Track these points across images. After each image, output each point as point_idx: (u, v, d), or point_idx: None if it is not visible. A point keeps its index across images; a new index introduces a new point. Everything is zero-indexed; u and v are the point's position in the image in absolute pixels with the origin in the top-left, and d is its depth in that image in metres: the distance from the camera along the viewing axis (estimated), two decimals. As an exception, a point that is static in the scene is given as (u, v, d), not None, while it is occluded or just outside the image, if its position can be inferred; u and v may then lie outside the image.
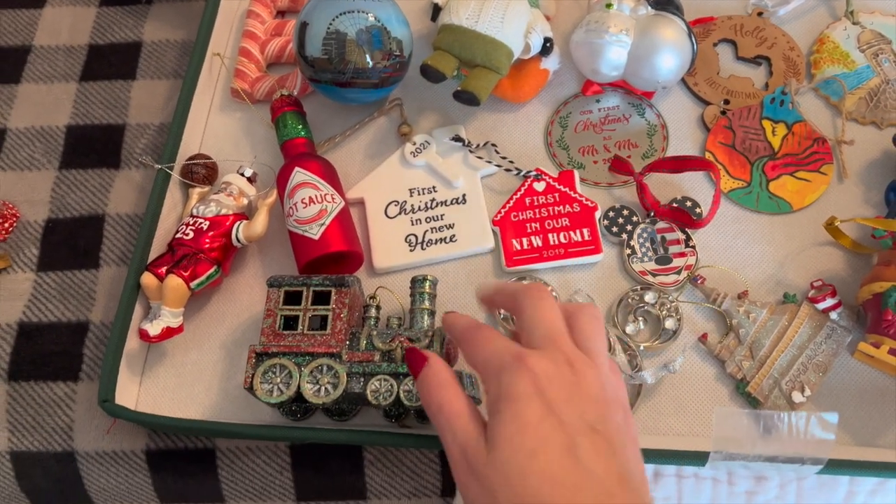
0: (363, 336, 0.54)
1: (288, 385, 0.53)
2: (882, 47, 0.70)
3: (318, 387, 0.53)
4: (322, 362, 0.53)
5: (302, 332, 0.54)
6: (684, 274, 0.62)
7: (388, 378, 0.53)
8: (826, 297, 0.59)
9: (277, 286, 0.56)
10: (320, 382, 0.53)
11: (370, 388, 0.52)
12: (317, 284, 0.56)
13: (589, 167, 0.68)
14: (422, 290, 0.57)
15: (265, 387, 0.53)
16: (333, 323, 0.54)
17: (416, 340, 0.54)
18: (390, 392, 0.52)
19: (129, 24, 0.80)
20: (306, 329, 0.54)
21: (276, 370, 0.53)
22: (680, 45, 0.64)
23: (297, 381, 0.53)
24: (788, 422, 0.49)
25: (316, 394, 0.52)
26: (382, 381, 0.53)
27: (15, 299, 0.66)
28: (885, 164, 0.65)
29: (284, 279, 0.56)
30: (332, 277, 0.56)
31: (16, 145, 0.73)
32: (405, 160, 0.69)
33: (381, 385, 0.53)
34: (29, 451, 0.61)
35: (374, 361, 0.53)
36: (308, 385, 0.53)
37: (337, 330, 0.54)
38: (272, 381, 0.53)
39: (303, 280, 0.56)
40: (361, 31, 0.63)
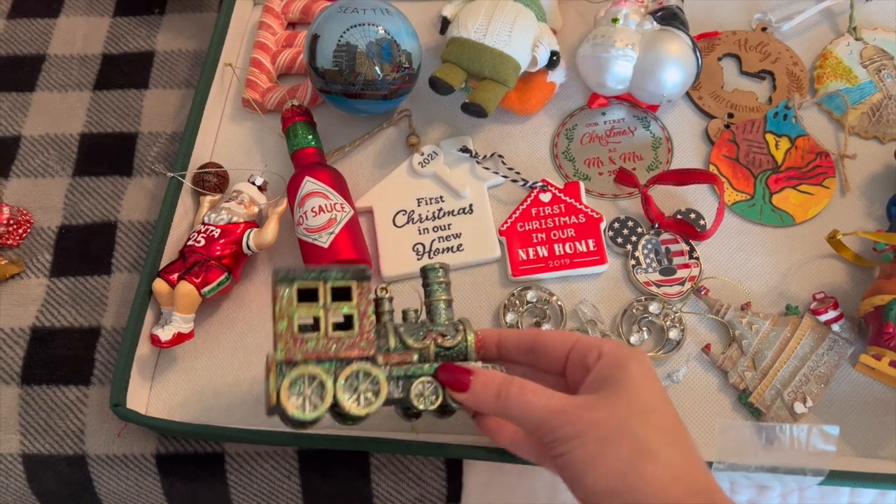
0: (391, 334, 0.49)
1: (322, 397, 0.46)
2: (884, 63, 0.71)
3: (357, 395, 0.46)
4: (357, 368, 0.47)
5: (326, 335, 0.47)
6: (688, 285, 0.63)
7: (432, 380, 0.48)
8: (828, 310, 0.59)
9: (289, 282, 0.47)
10: (359, 391, 0.46)
11: (414, 391, 0.47)
12: (336, 278, 0.48)
13: (594, 179, 0.69)
14: (437, 280, 0.52)
15: (295, 401, 0.45)
16: (360, 322, 0.48)
17: (447, 336, 0.49)
18: (435, 395, 0.48)
19: (143, 34, 0.81)
20: (330, 330, 0.47)
21: (305, 381, 0.46)
22: (685, 59, 0.65)
23: (331, 391, 0.46)
24: (790, 433, 0.50)
25: (356, 403, 0.46)
26: (426, 384, 0.48)
27: (28, 304, 0.67)
28: (886, 178, 0.66)
29: (296, 273, 0.47)
30: (350, 269, 0.48)
31: (30, 153, 0.75)
32: (413, 170, 0.70)
33: (426, 388, 0.48)
34: (40, 454, 0.62)
35: (413, 363, 0.48)
36: (345, 395, 0.46)
37: (365, 330, 0.48)
38: (302, 394, 0.45)
39: (318, 273, 0.48)
40: (371, 44, 0.64)
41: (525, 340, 0.51)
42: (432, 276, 0.52)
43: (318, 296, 0.47)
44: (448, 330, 0.50)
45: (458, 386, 0.46)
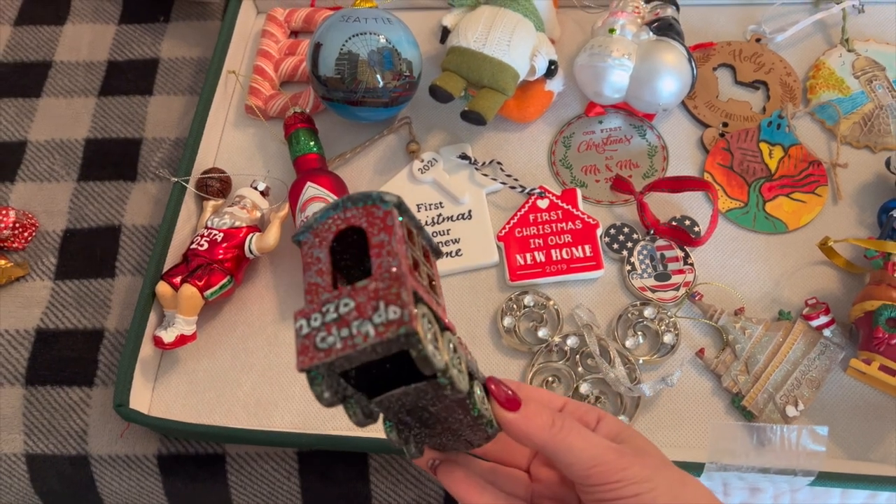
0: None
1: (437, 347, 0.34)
2: (876, 74, 0.73)
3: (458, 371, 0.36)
4: (450, 338, 0.37)
5: (427, 287, 0.37)
6: (682, 290, 0.64)
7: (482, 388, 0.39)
8: (820, 315, 0.60)
9: (409, 217, 0.37)
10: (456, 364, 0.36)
11: (476, 391, 0.38)
12: (426, 239, 0.39)
13: (591, 186, 0.70)
14: None
15: (431, 343, 0.33)
16: (440, 294, 0.39)
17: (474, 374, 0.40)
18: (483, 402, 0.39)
19: (147, 42, 0.83)
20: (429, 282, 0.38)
21: (426, 321, 0.34)
22: (680, 69, 0.67)
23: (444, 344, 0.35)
24: (781, 434, 0.51)
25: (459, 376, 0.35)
26: (481, 387, 0.39)
27: (33, 306, 0.68)
28: (878, 187, 0.68)
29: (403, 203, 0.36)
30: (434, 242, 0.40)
31: (36, 157, 0.76)
32: (413, 177, 0.71)
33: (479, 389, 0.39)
34: (44, 454, 0.62)
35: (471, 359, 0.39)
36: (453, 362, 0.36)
37: (442, 306, 0.39)
38: (429, 336, 0.34)
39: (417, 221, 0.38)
40: (373, 53, 0.65)
41: None
42: None
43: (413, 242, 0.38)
44: None
45: (510, 403, 0.40)
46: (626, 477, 0.40)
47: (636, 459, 0.41)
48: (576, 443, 0.40)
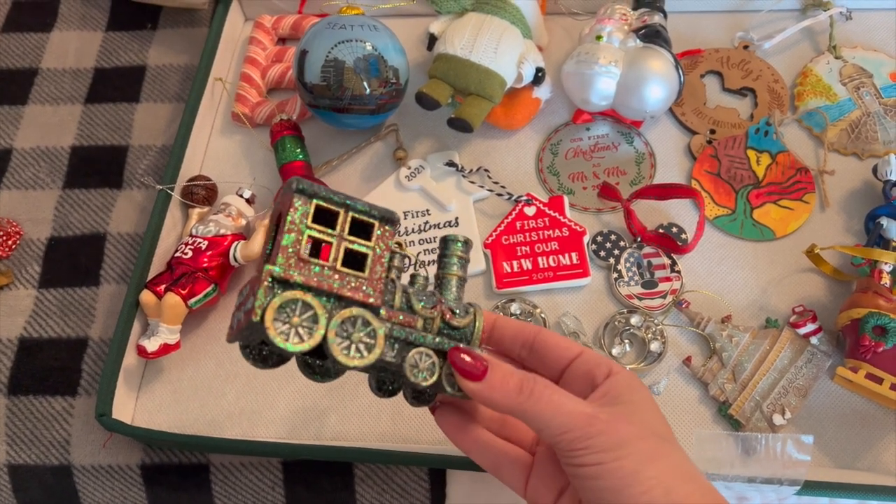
0: (398, 291, 0.42)
1: (310, 332, 0.38)
2: (863, 81, 0.73)
3: (349, 344, 0.39)
4: (358, 313, 0.40)
5: (333, 266, 0.40)
6: (670, 298, 0.63)
7: (431, 354, 0.42)
8: (807, 323, 0.60)
9: (309, 195, 0.40)
10: (352, 339, 0.39)
11: (409, 361, 0.41)
12: (360, 211, 0.41)
13: (578, 193, 0.70)
14: (456, 253, 0.46)
15: (280, 326, 0.38)
16: (373, 266, 0.41)
17: (457, 314, 0.43)
18: (431, 371, 0.42)
19: (134, 49, 0.82)
20: (339, 264, 0.40)
21: (297, 307, 0.38)
22: (667, 76, 0.67)
23: (323, 328, 0.39)
24: (766, 443, 0.51)
25: (345, 352, 0.39)
26: (424, 356, 0.42)
27: (16, 315, 0.67)
28: (865, 194, 0.67)
29: (318, 189, 0.40)
30: (380, 208, 0.42)
31: (21, 165, 0.75)
32: (400, 184, 0.71)
33: (422, 360, 0.42)
34: (26, 464, 0.62)
35: (416, 329, 0.42)
36: (336, 339, 0.39)
37: (376, 276, 0.41)
38: (289, 321, 0.38)
39: (343, 198, 0.41)
40: (359, 60, 0.65)
41: (525, 335, 0.47)
42: (451, 248, 0.45)
43: (336, 222, 0.41)
44: (459, 308, 0.44)
45: (472, 374, 0.41)
46: (592, 445, 0.40)
47: (610, 426, 0.40)
48: (545, 410, 0.40)
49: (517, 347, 0.48)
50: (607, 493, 0.40)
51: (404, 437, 0.60)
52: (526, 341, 0.47)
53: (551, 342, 0.46)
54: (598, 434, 0.40)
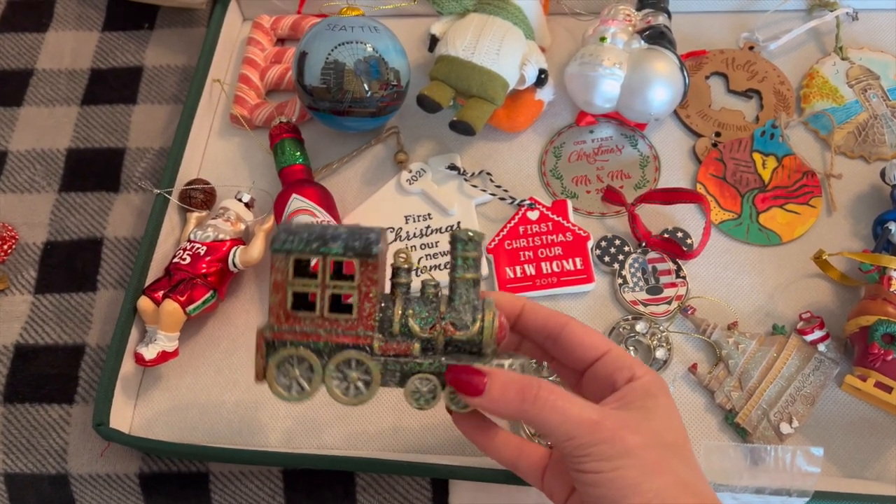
0: (396, 316, 0.43)
1: (310, 380, 0.43)
2: (870, 83, 0.72)
3: (347, 384, 0.43)
4: (350, 356, 0.43)
5: (321, 316, 0.43)
6: (675, 304, 0.63)
7: (431, 377, 0.43)
8: (814, 329, 0.59)
9: (286, 252, 0.42)
10: (349, 379, 0.43)
11: (409, 388, 0.43)
12: (335, 254, 0.42)
13: (582, 197, 0.69)
14: (465, 255, 0.44)
15: (282, 381, 0.43)
16: (360, 305, 0.43)
17: (460, 328, 0.43)
18: (433, 394, 0.43)
19: (131, 49, 0.81)
20: (326, 311, 0.43)
21: (294, 362, 0.43)
22: (672, 78, 0.66)
23: (320, 375, 0.43)
24: (775, 455, 0.50)
25: (344, 393, 0.43)
26: (424, 381, 0.43)
27: (12, 321, 0.66)
28: (872, 198, 0.67)
29: (293, 242, 0.42)
30: (356, 245, 0.42)
31: (16, 168, 0.74)
32: (401, 187, 0.70)
33: (423, 385, 0.43)
34: (23, 473, 0.61)
35: (412, 356, 0.43)
36: (334, 381, 0.43)
37: (365, 314, 0.43)
38: (289, 375, 0.43)
39: (318, 246, 0.42)
40: (360, 62, 0.64)
41: (551, 326, 0.46)
42: (460, 249, 0.44)
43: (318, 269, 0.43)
44: (463, 318, 0.43)
45: (470, 390, 0.42)
46: (594, 453, 0.39)
47: (615, 435, 0.39)
48: (550, 416, 0.40)
49: (542, 338, 0.47)
50: (606, 502, 0.40)
51: (406, 445, 0.60)
52: (552, 333, 0.46)
53: (577, 338, 0.46)
54: (600, 442, 0.39)
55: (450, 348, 0.44)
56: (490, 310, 0.44)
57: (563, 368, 0.48)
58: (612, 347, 0.45)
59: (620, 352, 0.45)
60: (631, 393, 0.43)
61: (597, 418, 0.40)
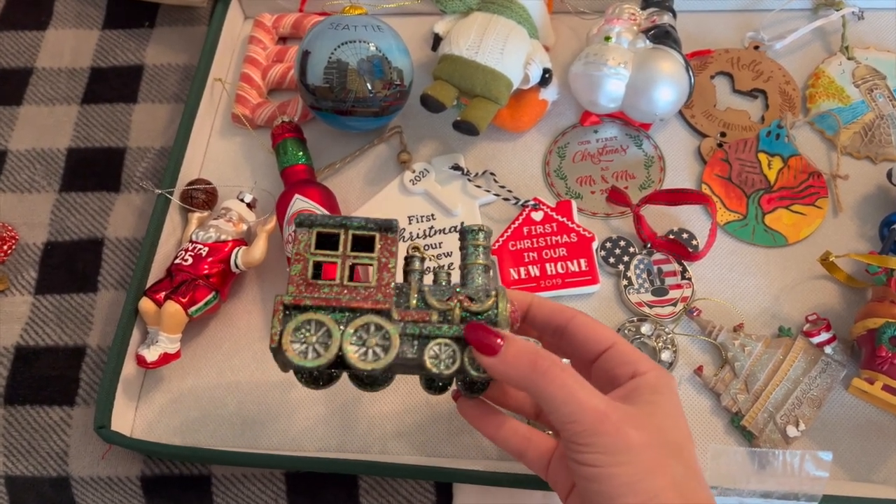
0: (413, 292, 0.45)
1: (327, 346, 0.42)
2: (877, 83, 0.71)
3: (365, 349, 0.43)
4: (369, 320, 0.43)
5: (341, 283, 0.44)
6: (680, 306, 0.62)
7: (451, 342, 0.43)
8: (821, 332, 0.59)
9: (308, 226, 0.45)
10: (367, 344, 0.43)
11: (429, 353, 0.43)
12: (358, 227, 0.45)
13: (586, 197, 0.68)
14: (475, 243, 0.47)
15: (297, 347, 0.42)
16: (380, 274, 0.44)
17: (476, 300, 0.44)
18: (452, 359, 0.43)
19: (132, 48, 0.81)
20: (346, 279, 0.44)
21: (312, 327, 0.43)
22: (677, 77, 0.65)
23: (338, 340, 0.42)
24: (783, 459, 0.49)
25: (362, 358, 0.43)
26: (443, 346, 0.43)
27: (12, 322, 0.66)
28: (879, 199, 0.66)
29: (317, 218, 0.45)
30: (377, 220, 0.45)
31: (16, 167, 0.74)
32: (404, 188, 0.69)
33: (442, 350, 0.43)
34: (24, 475, 0.60)
35: (431, 322, 0.44)
36: (352, 347, 0.43)
37: (384, 283, 0.44)
38: (306, 341, 0.43)
39: (340, 220, 0.45)
40: (363, 61, 0.64)
41: (558, 319, 0.46)
42: (470, 238, 0.47)
43: (338, 243, 0.45)
44: (478, 294, 0.45)
45: (486, 348, 0.42)
46: (595, 444, 0.39)
47: (618, 429, 0.39)
48: (557, 392, 0.40)
49: (550, 332, 0.47)
50: (601, 498, 0.39)
51: (410, 448, 0.59)
52: (559, 326, 0.46)
53: (583, 331, 0.45)
54: (604, 433, 0.39)
55: (465, 322, 0.44)
56: (502, 289, 0.45)
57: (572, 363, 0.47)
58: (617, 341, 0.44)
59: (626, 346, 0.44)
60: (636, 388, 0.42)
61: (603, 408, 0.40)
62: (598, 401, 0.40)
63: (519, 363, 0.41)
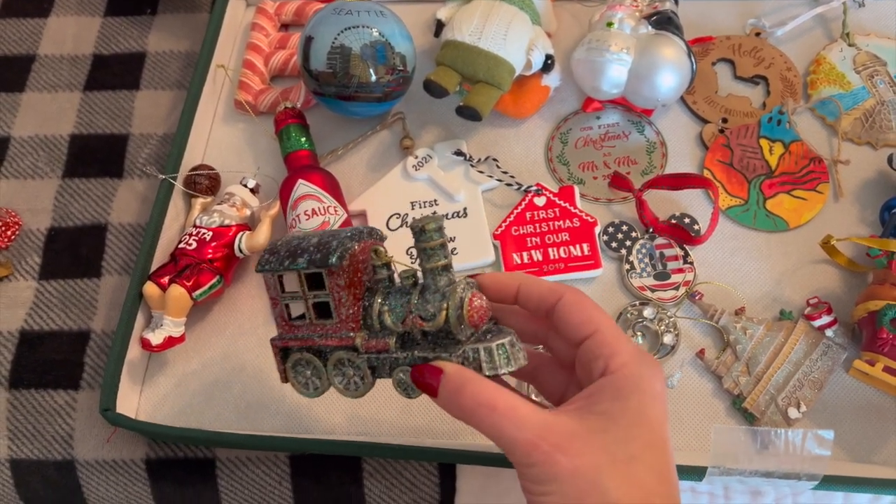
0: (374, 311, 0.45)
1: (319, 378, 0.48)
2: (877, 69, 0.72)
3: (347, 381, 0.47)
4: (340, 356, 0.47)
5: (311, 322, 0.47)
6: (682, 290, 0.63)
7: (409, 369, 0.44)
8: (822, 315, 0.59)
9: (271, 271, 0.47)
10: (346, 375, 0.47)
11: (395, 379, 0.45)
12: (302, 268, 0.46)
13: (589, 183, 0.69)
14: (423, 246, 0.43)
15: (300, 381, 0.49)
16: (337, 310, 0.45)
17: (426, 319, 0.43)
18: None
19: (134, 35, 0.81)
20: (315, 317, 0.47)
21: (303, 364, 0.48)
22: (679, 64, 0.65)
23: (325, 375, 0.47)
24: (785, 438, 0.50)
25: (347, 388, 0.47)
26: (406, 373, 0.44)
27: (17, 307, 0.66)
28: (879, 184, 0.66)
29: (273, 262, 0.47)
30: (317, 258, 0.45)
31: (19, 154, 0.74)
32: (407, 173, 0.69)
33: (406, 376, 0.44)
34: (29, 458, 0.61)
35: (389, 352, 0.44)
36: (336, 379, 0.47)
37: (344, 317, 0.45)
38: (304, 375, 0.48)
39: (288, 264, 0.46)
40: (366, 46, 0.64)
41: (549, 300, 0.44)
42: (418, 241, 0.43)
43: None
44: (430, 308, 0.43)
45: (427, 389, 0.42)
46: (526, 474, 0.38)
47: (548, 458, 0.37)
48: (488, 432, 0.39)
49: (542, 314, 0.45)
50: None
51: (414, 430, 0.60)
52: (549, 308, 0.44)
53: (567, 313, 0.43)
54: (534, 464, 0.38)
55: (429, 337, 0.44)
56: (455, 295, 0.42)
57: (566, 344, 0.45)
58: (600, 327, 0.42)
59: (607, 334, 0.41)
60: (599, 391, 0.40)
61: (532, 438, 0.38)
62: (528, 432, 0.38)
63: (450, 404, 0.41)
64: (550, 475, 0.37)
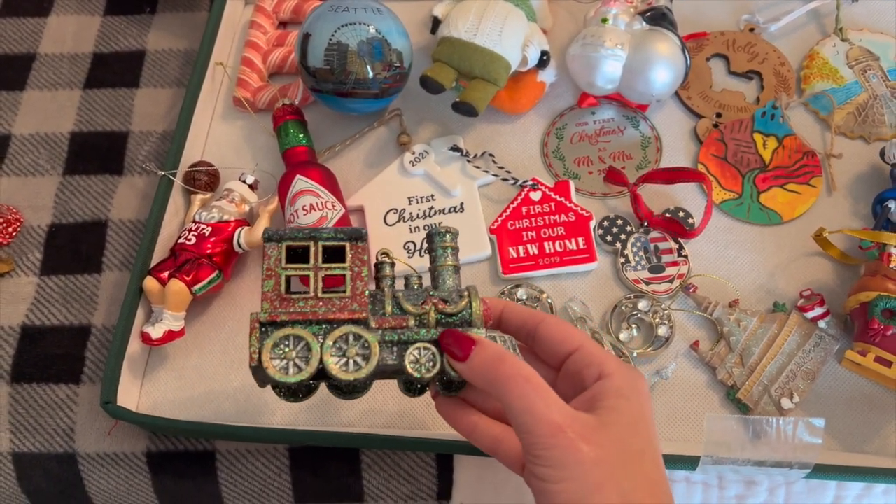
0: (387, 298, 0.45)
1: (307, 360, 0.43)
2: (870, 64, 0.72)
3: (346, 360, 0.43)
4: (347, 330, 0.43)
5: (316, 296, 0.44)
6: (677, 283, 0.63)
7: (430, 346, 0.44)
8: (815, 307, 0.60)
9: (277, 241, 0.45)
10: (347, 355, 0.43)
11: (409, 358, 0.44)
12: (327, 238, 0.45)
13: (584, 177, 0.69)
14: (444, 245, 0.48)
15: (277, 363, 0.42)
16: (353, 283, 0.44)
17: (450, 302, 0.45)
18: (433, 362, 0.44)
19: (133, 33, 0.81)
20: (320, 291, 0.44)
21: (290, 342, 0.43)
22: (674, 59, 0.66)
23: (318, 354, 0.43)
24: (777, 427, 0.50)
25: (344, 368, 0.43)
26: (423, 350, 0.44)
27: (18, 303, 0.67)
28: (872, 178, 0.67)
29: (285, 232, 0.45)
30: (346, 230, 0.46)
31: (20, 151, 0.75)
32: (404, 169, 0.70)
33: (422, 354, 0.44)
34: (30, 452, 0.61)
35: (409, 327, 0.44)
36: (333, 358, 0.43)
37: (358, 292, 0.44)
38: (286, 356, 0.43)
39: (309, 232, 0.45)
40: (363, 43, 0.64)
41: (529, 324, 0.47)
42: (438, 241, 0.47)
43: (309, 256, 0.45)
44: (451, 296, 0.45)
45: (456, 354, 0.43)
46: (546, 457, 0.39)
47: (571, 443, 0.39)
48: (515, 403, 0.40)
49: (523, 337, 0.48)
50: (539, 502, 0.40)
51: (411, 422, 0.60)
52: (530, 330, 0.47)
53: (550, 334, 0.46)
54: (556, 447, 0.39)
55: (440, 325, 0.45)
56: (474, 291, 0.46)
57: (543, 366, 0.47)
58: (584, 343, 0.44)
59: (593, 347, 0.44)
60: (601, 392, 0.42)
61: (559, 421, 0.39)
62: (556, 413, 0.40)
63: (484, 370, 0.42)
64: (572, 461, 0.39)
